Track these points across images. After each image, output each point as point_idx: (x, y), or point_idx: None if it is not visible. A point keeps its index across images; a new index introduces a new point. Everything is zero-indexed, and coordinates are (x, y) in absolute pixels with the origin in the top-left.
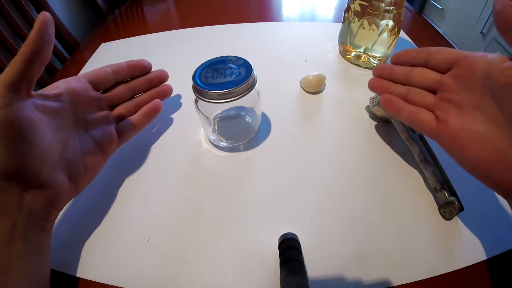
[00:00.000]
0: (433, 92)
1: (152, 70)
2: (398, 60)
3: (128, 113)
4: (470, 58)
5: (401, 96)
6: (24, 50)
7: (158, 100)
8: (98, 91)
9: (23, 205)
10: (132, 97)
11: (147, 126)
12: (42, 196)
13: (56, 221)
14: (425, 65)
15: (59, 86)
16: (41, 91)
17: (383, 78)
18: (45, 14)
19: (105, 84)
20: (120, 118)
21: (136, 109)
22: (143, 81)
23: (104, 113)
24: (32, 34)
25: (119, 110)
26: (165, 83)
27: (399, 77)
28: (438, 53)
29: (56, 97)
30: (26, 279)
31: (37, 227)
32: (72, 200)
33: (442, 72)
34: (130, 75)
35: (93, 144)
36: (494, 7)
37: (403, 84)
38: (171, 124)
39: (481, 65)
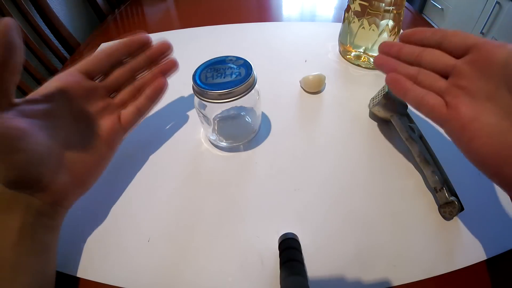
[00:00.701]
0: (445, 77)
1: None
2: (408, 39)
3: (131, 98)
4: (489, 46)
5: (409, 77)
6: None
7: (161, 78)
8: (93, 79)
9: (31, 207)
10: (134, 79)
11: (147, 126)
12: (48, 197)
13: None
14: (438, 47)
15: (48, 86)
16: (29, 96)
17: (390, 56)
18: (5, 22)
19: (99, 70)
20: (123, 105)
21: (139, 93)
22: (143, 58)
23: (103, 102)
24: None
25: (120, 96)
26: (169, 56)
27: (408, 57)
28: (454, 36)
29: (47, 98)
30: (34, 277)
31: (45, 226)
32: None
33: (457, 56)
34: (127, 55)
35: (96, 138)
36: None
37: (412, 65)
38: (171, 124)
39: (501, 54)
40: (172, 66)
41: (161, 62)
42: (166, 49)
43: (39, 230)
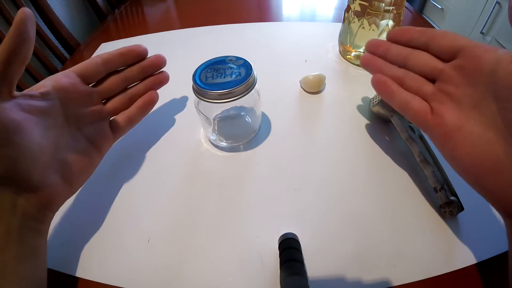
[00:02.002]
0: (432, 80)
1: (148, 56)
2: (395, 39)
3: (122, 106)
4: (478, 51)
5: (395, 79)
6: (1, 50)
7: (153, 91)
8: (88, 84)
9: (16, 209)
10: (126, 88)
11: (147, 126)
12: (36, 198)
13: (55, 221)
14: (426, 49)
15: (45, 85)
16: (26, 91)
17: (377, 55)
18: (24, 11)
19: (96, 76)
20: (114, 112)
21: (130, 101)
22: (137, 69)
23: (96, 108)
24: (10, 33)
25: (112, 103)
26: (162, 70)
27: (395, 58)
28: (443, 38)
29: (43, 95)
30: (22, 283)
31: (31, 230)
32: (72, 200)
33: (445, 60)
34: (122, 64)
35: (86, 141)
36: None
37: (399, 67)
38: (171, 124)
39: (488, 61)
40: (164, 80)
41: (154, 74)
42: (160, 62)
43: (26, 233)
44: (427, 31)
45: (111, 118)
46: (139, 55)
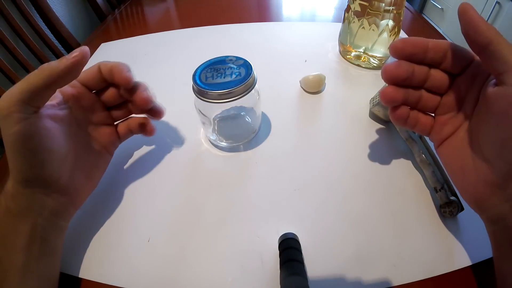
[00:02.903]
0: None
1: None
2: (409, 51)
3: (124, 115)
4: (486, 68)
5: (413, 103)
6: (49, 73)
7: (151, 126)
8: (92, 91)
9: (44, 209)
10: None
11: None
12: (64, 197)
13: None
14: (440, 62)
15: (57, 95)
16: (49, 101)
17: (400, 82)
18: (85, 49)
19: (98, 85)
20: (118, 119)
21: (130, 113)
22: (128, 95)
23: (103, 114)
24: (67, 62)
25: (115, 113)
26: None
27: (416, 79)
28: (458, 55)
29: (59, 105)
30: (39, 280)
31: (55, 228)
32: None
33: (455, 74)
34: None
35: (97, 143)
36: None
37: (417, 86)
38: (171, 124)
39: (499, 102)
40: (159, 115)
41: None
42: (146, 103)
43: (49, 232)
44: (441, 46)
45: (115, 123)
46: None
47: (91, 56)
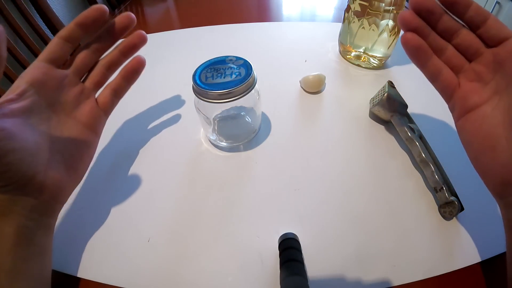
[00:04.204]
0: (469, 60)
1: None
2: (449, 2)
3: (102, 79)
4: None
5: (435, 48)
6: None
7: (138, 57)
8: (59, 67)
9: (26, 209)
10: (100, 59)
11: (147, 126)
12: (44, 195)
13: (56, 222)
14: (476, 28)
15: (19, 84)
16: (2, 98)
17: (424, 18)
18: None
19: (63, 56)
20: (96, 88)
21: (110, 71)
22: (104, 35)
23: (77, 88)
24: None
25: (91, 79)
26: (137, 31)
27: (445, 29)
28: (496, 27)
29: (21, 95)
30: (29, 282)
31: (42, 227)
32: (72, 200)
33: (489, 46)
34: (84, 34)
35: (79, 125)
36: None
37: (444, 36)
38: (171, 124)
39: None
40: (138, 42)
41: (125, 35)
42: (127, 21)
43: (36, 232)
44: (483, 13)
45: (96, 96)
46: (98, 19)
47: None
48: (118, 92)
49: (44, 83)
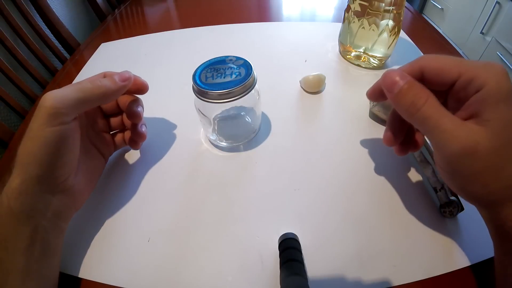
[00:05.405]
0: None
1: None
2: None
3: (118, 124)
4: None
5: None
6: (105, 91)
7: (142, 134)
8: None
9: (48, 209)
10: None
11: (147, 126)
12: (68, 198)
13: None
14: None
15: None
16: None
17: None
18: (132, 76)
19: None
20: (115, 128)
21: (123, 123)
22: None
23: (102, 122)
24: (119, 85)
25: (113, 121)
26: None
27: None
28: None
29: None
30: (40, 281)
31: (55, 229)
32: None
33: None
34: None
35: (95, 149)
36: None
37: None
38: (171, 124)
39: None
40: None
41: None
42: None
43: (50, 233)
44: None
45: (111, 132)
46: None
47: (91, 56)
48: (126, 143)
49: (94, 109)
